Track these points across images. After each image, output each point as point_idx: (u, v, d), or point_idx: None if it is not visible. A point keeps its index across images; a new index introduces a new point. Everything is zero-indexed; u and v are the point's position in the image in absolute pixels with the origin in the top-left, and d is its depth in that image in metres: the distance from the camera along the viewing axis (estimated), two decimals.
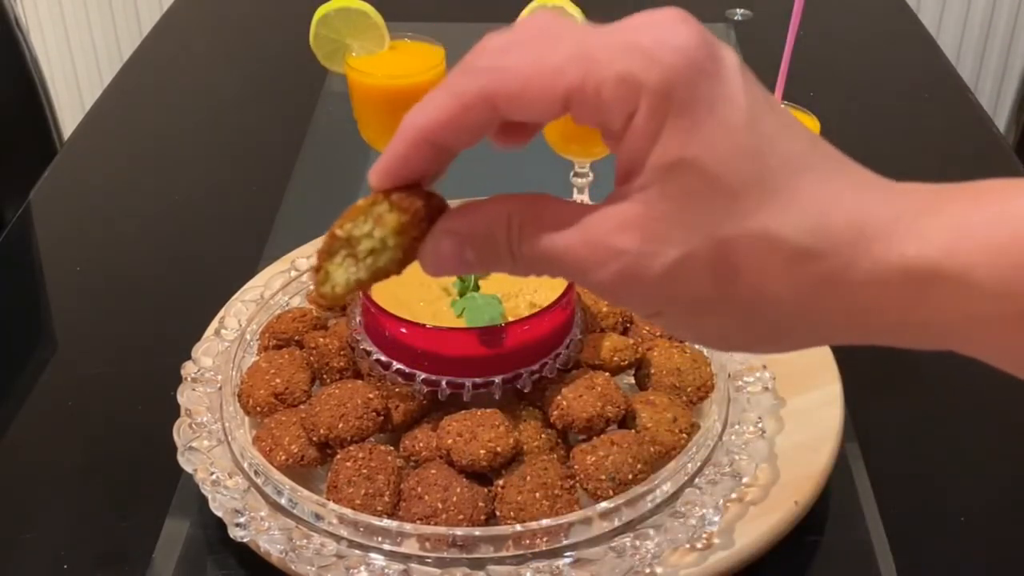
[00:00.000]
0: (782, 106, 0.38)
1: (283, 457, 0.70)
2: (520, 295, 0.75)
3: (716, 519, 0.66)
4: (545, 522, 0.65)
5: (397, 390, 0.73)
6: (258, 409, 0.74)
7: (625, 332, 0.80)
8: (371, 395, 0.72)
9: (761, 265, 0.35)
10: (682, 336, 0.45)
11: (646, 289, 0.36)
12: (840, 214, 0.34)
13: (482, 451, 0.67)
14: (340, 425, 0.70)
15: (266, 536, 0.66)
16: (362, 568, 0.64)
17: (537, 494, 0.66)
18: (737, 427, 0.72)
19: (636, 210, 0.35)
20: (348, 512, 0.66)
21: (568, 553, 0.64)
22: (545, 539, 0.65)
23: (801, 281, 0.35)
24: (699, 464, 0.69)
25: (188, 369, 0.78)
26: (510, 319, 0.72)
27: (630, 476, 0.67)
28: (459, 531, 0.65)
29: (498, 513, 0.67)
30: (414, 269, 0.85)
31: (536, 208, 0.37)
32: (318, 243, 0.95)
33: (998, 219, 0.34)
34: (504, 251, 0.37)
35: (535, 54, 0.35)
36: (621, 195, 0.36)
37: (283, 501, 0.68)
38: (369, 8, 0.94)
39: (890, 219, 0.34)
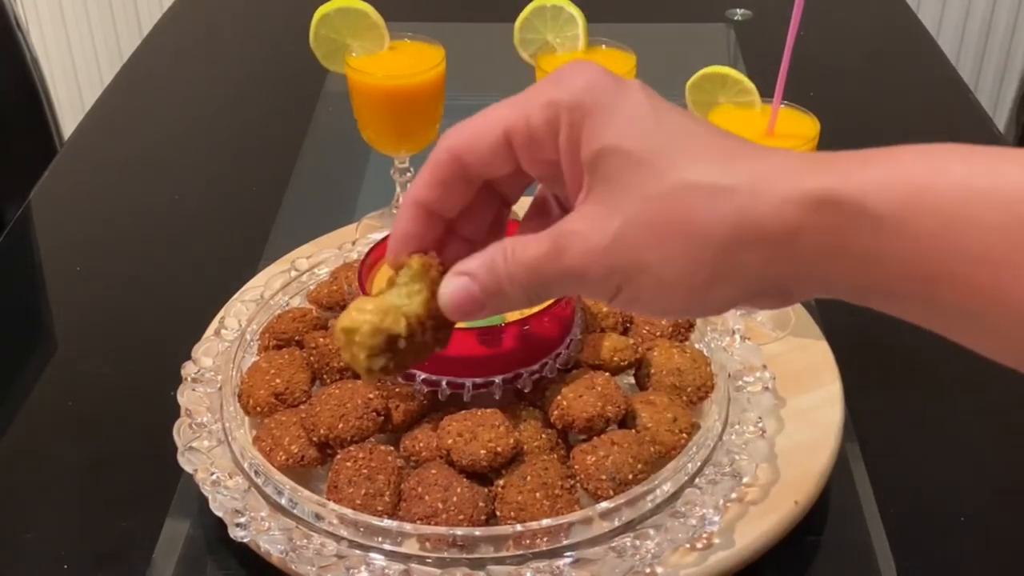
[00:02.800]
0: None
1: (283, 457, 0.70)
2: None
3: (716, 519, 0.66)
4: (545, 522, 0.65)
5: (397, 390, 0.73)
6: (258, 409, 0.74)
7: (625, 332, 0.80)
8: (371, 395, 0.72)
9: (686, 211, 0.39)
10: (638, 312, 0.51)
11: (602, 260, 0.41)
12: (742, 161, 0.40)
13: (482, 451, 0.67)
14: (340, 425, 0.70)
15: (266, 536, 0.66)
16: (362, 568, 0.64)
17: (537, 494, 0.66)
18: (737, 427, 0.72)
19: (583, 203, 0.42)
20: (348, 512, 0.66)
21: (568, 553, 0.64)
22: (545, 539, 0.65)
23: (723, 217, 0.39)
24: (699, 464, 0.69)
25: (188, 369, 0.78)
26: (510, 319, 0.72)
27: (630, 476, 0.67)
28: (459, 531, 0.65)
29: (498, 513, 0.67)
30: None
31: (521, 237, 0.43)
32: (318, 243, 0.95)
33: (888, 160, 0.38)
34: (503, 275, 0.43)
35: (481, 114, 0.44)
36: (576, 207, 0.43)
37: (283, 501, 0.68)
38: (369, 8, 0.94)
39: (784, 167, 0.39)
